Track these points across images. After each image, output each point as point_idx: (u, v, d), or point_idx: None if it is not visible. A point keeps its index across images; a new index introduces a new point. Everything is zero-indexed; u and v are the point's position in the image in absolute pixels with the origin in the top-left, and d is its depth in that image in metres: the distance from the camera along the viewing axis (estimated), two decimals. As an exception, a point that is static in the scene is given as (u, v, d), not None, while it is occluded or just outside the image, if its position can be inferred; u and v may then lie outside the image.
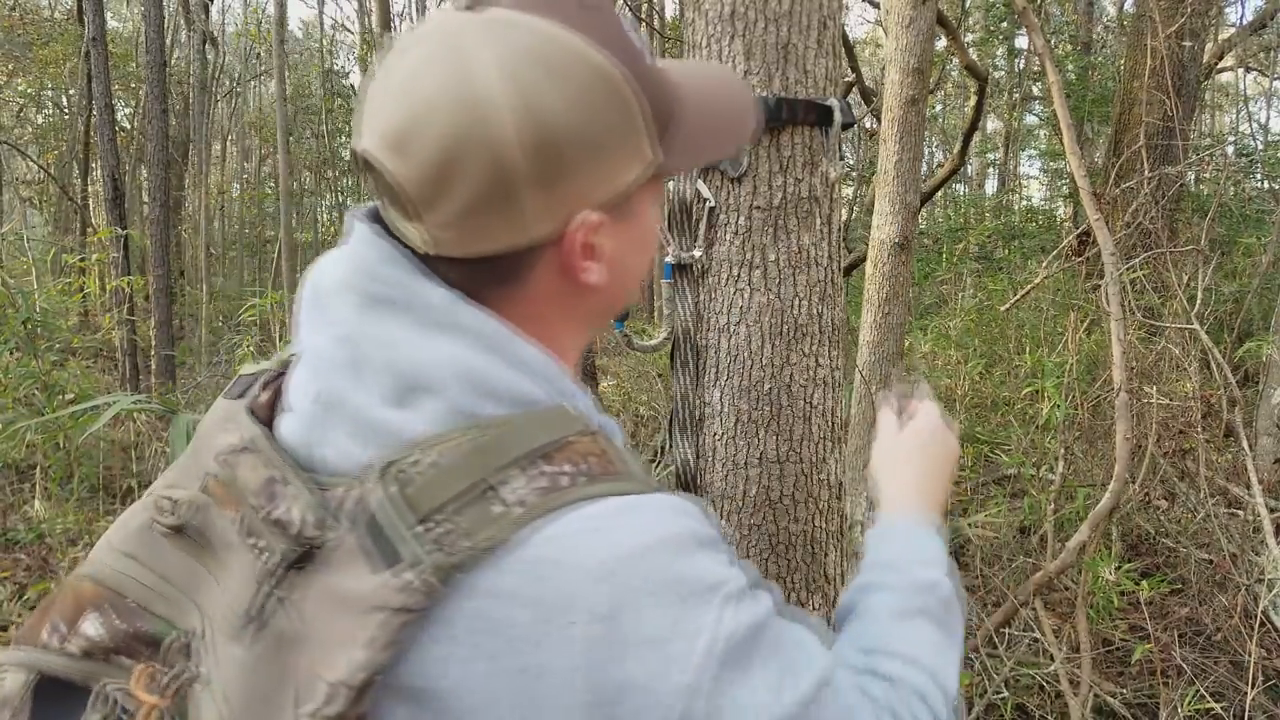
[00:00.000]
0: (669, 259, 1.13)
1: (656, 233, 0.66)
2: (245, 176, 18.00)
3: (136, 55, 12.87)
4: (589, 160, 0.55)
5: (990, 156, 15.34)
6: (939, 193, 6.48)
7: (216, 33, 14.63)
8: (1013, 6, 6.16)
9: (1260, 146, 8.76)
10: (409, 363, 0.53)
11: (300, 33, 20.86)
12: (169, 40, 12.41)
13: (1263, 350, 4.35)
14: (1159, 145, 6.31)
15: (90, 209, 12.65)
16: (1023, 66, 12.13)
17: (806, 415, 1.20)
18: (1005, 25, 10.27)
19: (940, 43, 6.32)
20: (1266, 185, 8.28)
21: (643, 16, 8.65)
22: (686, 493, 0.86)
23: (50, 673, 0.54)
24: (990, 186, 16.96)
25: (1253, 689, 2.49)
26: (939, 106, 14.59)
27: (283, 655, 0.48)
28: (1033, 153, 14.17)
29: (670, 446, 1.22)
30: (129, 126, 13.02)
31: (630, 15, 6.76)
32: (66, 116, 14.01)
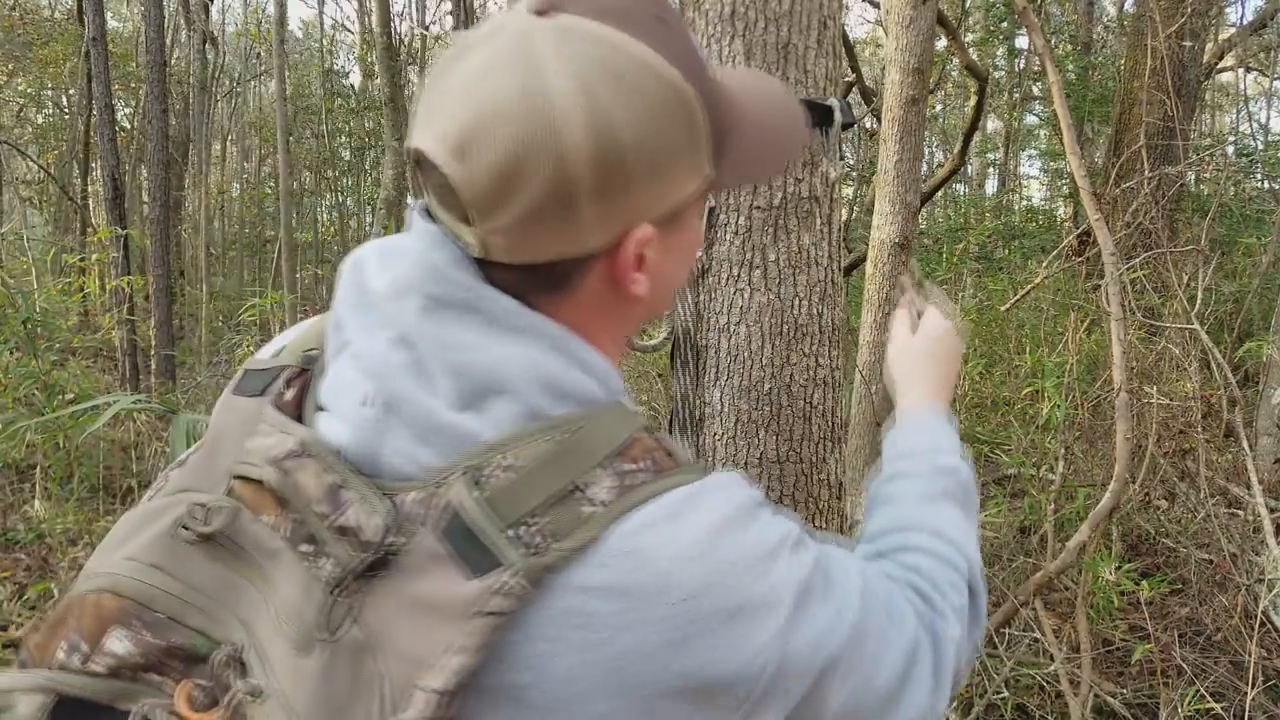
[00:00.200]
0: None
1: (698, 244, 0.67)
2: (245, 176, 18.01)
3: (136, 55, 12.87)
4: (651, 176, 0.54)
5: (990, 156, 15.33)
6: (939, 193, 6.48)
7: (216, 32, 14.63)
8: (1013, 6, 6.16)
9: (1260, 146, 8.76)
10: (483, 366, 0.53)
11: (300, 33, 20.86)
12: (169, 40, 12.41)
13: (1263, 350, 4.35)
14: (1159, 145, 6.31)
15: (90, 209, 12.65)
16: (1023, 66, 12.13)
17: (806, 415, 1.20)
18: (1005, 25, 10.27)
19: (940, 43, 6.32)
20: (1267, 185, 8.28)
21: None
22: None
23: (71, 695, 0.49)
24: (990, 186, 16.96)
25: (1253, 689, 2.49)
26: (939, 106, 14.59)
27: (354, 664, 0.48)
28: (1033, 153, 14.17)
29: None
30: (129, 126, 13.02)
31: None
32: (66, 116, 14.01)
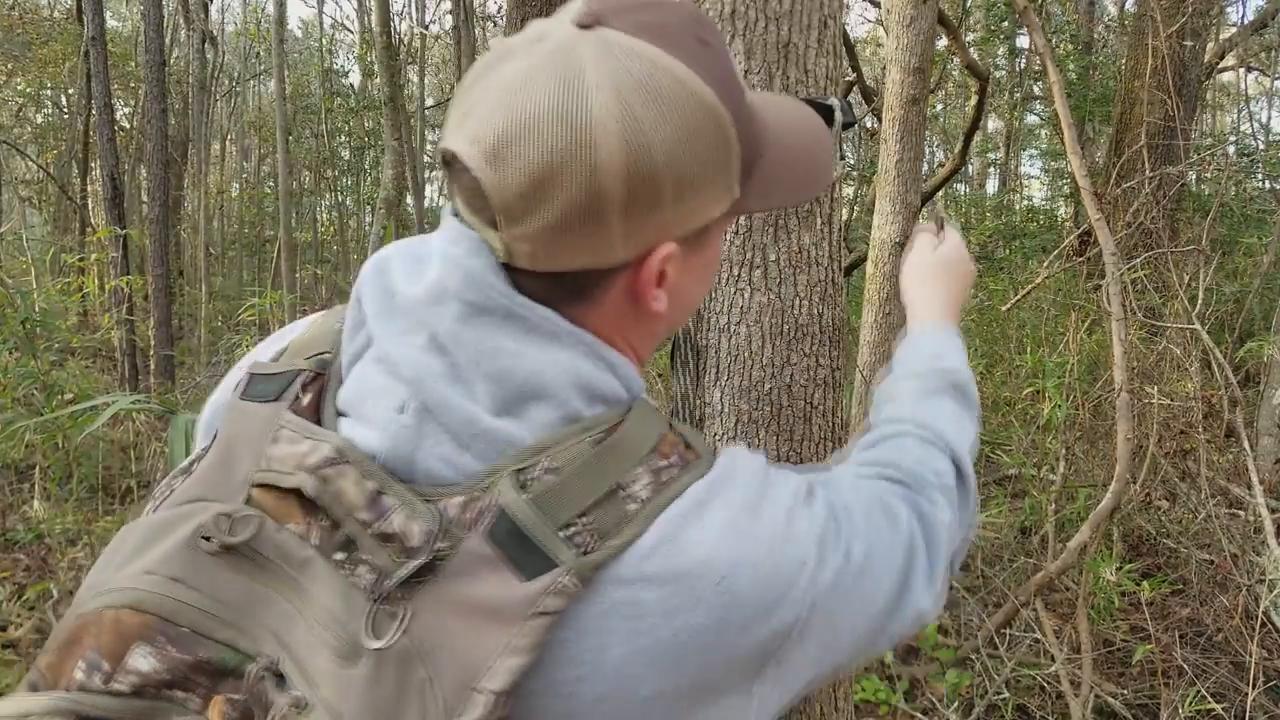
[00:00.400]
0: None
1: (717, 263, 0.68)
2: (245, 176, 18.01)
3: (136, 55, 12.87)
4: (682, 194, 0.55)
5: (991, 156, 15.34)
6: (940, 192, 6.47)
7: (216, 32, 14.63)
8: (1014, 6, 6.15)
9: (1261, 146, 8.75)
10: (523, 372, 0.54)
11: (300, 32, 20.87)
12: (168, 39, 12.41)
13: (1264, 350, 4.35)
14: (1160, 145, 6.30)
15: (89, 208, 12.65)
16: (1024, 66, 12.13)
17: (807, 415, 1.19)
18: (1006, 25, 10.27)
19: (941, 42, 6.31)
20: (1268, 185, 8.28)
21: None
22: None
23: (93, 716, 0.48)
24: (991, 186, 16.97)
25: (1254, 689, 2.48)
26: (940, 106, 14.58)
27: (401, 671, 0.48)
28: (1034, 152, 14.17)
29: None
30: (128, 126, 13.02)
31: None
32: (66, 116, 14.02)
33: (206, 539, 0.51)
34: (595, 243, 0.54)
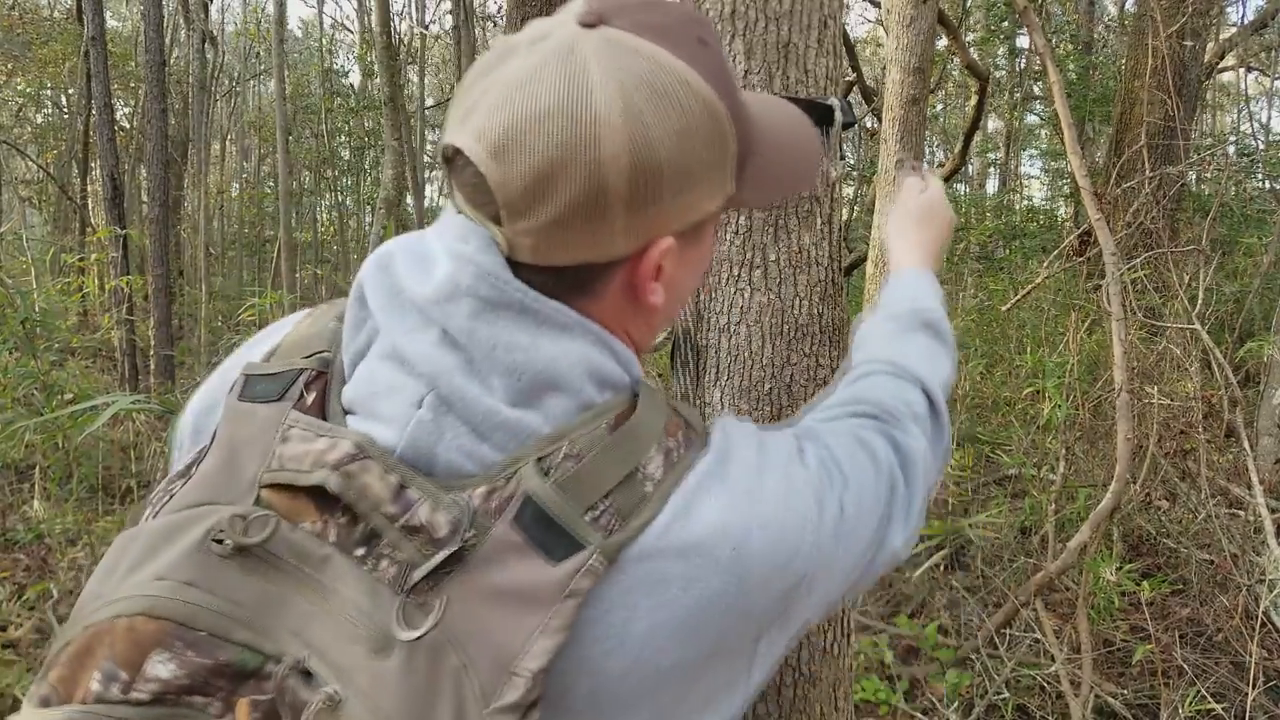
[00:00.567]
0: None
1: (710, 257, 0.70)
2: (245, 176, 18.00)
3: (136, 54, 12.87)
4: (681, 190, 0.56)
5: (991, 156, 15.33)
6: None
7: (216, 32, 14.63)
8: (1014, 6, 6.15)
9: (1261, 146, 8.75)
10: (538, 364, 0.55)
11: (300, 32, 20.86)
12: (168, 39, 12.40)
13: (1264, 350, 4.35)
14: (1160, 145, 6.30)
15: (89, 208, 12.64)
16: (1024, 66, 12.12)
17: (807, 416, 1.19)
18: (1006, 25, 10.26)
19: (941, 42, 6.31)
20: (1268, 185, 8.27)
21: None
22: None
23: None
24: (991, 186, 16.96)
25: (1254, 690, 2.48)
26: (940, 106, 14.58)
27: (433, 660, 0.49)
28: (1034, 152, 14.16)
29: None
30: (128, 126, 13.01)
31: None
32: (66, 116, 14.01)
33: (219, 542, 0.51)
34: (597, 237, 0.55)
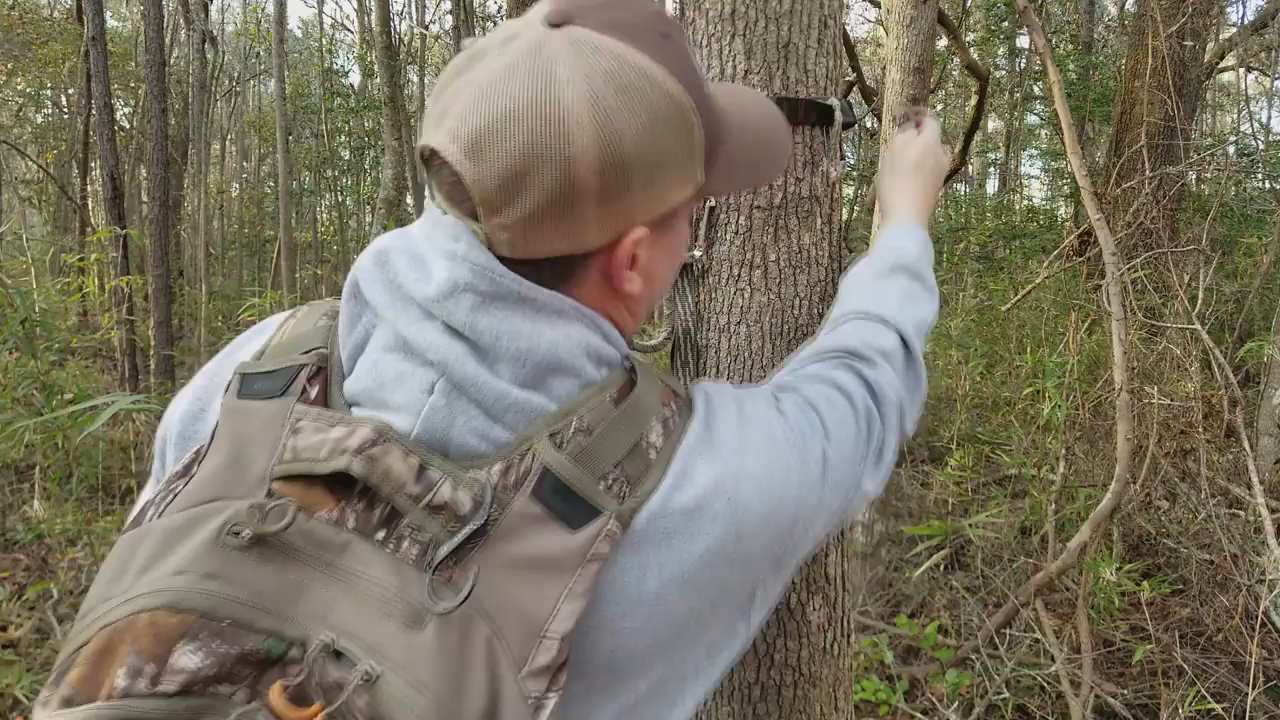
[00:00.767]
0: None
1: (686, 243, 0.73)
2: (245, 176, 18.00)
3: (136, 54, 12.87)
4: (650, 182, 0.59)
5: (991, 156, 15.33)
6: (940, 192, 6.46)
7: (216, 32, 14.62)
8: (1014, 6, 6.15)
9: (1261, 146, 8.74)
10: (542, 350, 0.58)
11: (300, 32, 20.85)
12: (168, 39, 12.40)
13: (1264, 350, 4.34)
14: (1160, 145, 6.30)
15: (89, 208, 12.64)
16: (1024, 66, 12.12)
17: (807, 416, 1.18)
18: (1006, 25, 10.26)
19: (941, 42, 6.31)
20: (1268, 185, 8.27)
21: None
22: None
23: None
24: (991, 186, 16.96)
25: (1254, 689, 2.48)
26: (940, 106, 14.58)
27: (463, 631, 0.51)
28: (1034, 152, 14.16)
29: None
30: (128, 126, 13.01)
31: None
32: (66, 116, 14.01)
33: (236, 534, 0.51)
34: (571, 230, 0.58)
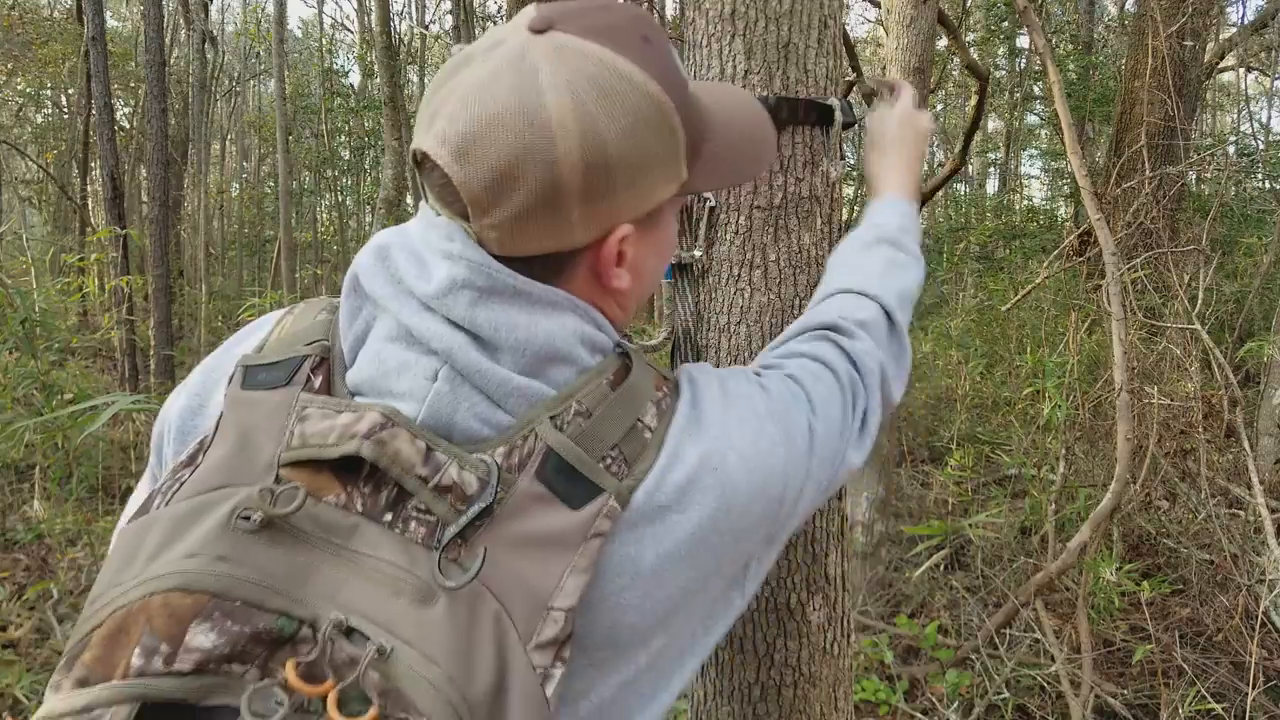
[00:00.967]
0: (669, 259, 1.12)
1: (674, 240, 0.75)
2: (245, 176, 18.00)
3: (136, 54, 12.87)
4: (633, 181, 0.61)
5: (991, 156, 15.33)
6: (940, 192, 6.47)
7: (216, 32, 14.62)
8: (1014, 6, 6.14)
9: (1261, 146, 8.74)
10: (540, 340, 0.60)
11: (300, 32, 20.85)
12: (168, 39, 12.40)
13: (1264, 350, 4.34)
14: (1160, 145, 6.30)
15: (89, 208, 12.65)
16: (1024, 66, 12.12)
17: (807, 416, 1.18)
18: (1006, 25, 10.26)
19: (941, 42, 6.31)
20: (1268, 185, 8.27)
21: (643, 16, 8.63)
22: None
23: (158, 699, 0.47)
24: (991, 186, 16.96)
25: (1254, 689, 2.48)
26: (940, 106, 14.58)
27: (471, 607, 0.52)
28: (1034, 152, 14.17)
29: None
30: (128, 126, 13.01)
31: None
32: (66, 116, 14.01)
33: (246, 518, 0.52)
34: (557, 228, 0.60)
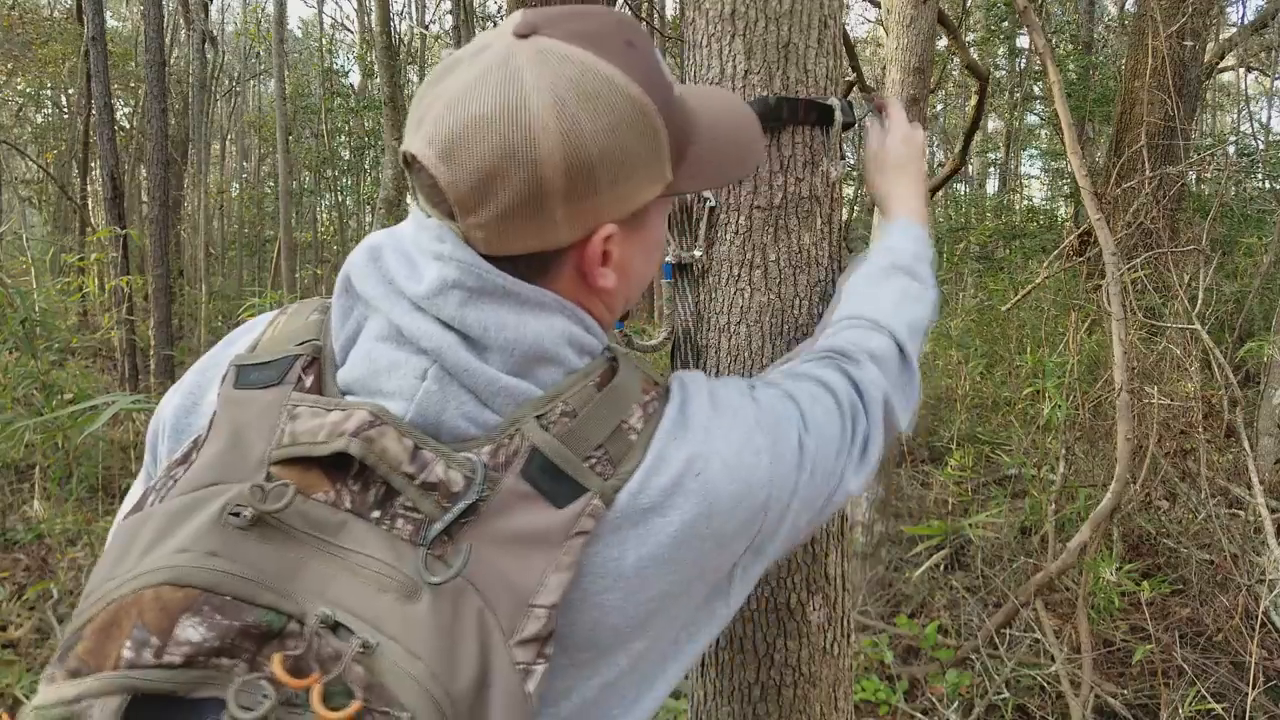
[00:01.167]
0: (669, 259, 1.12)
1: (663, 240, 0.75)
2: (245, 176, 18.00)
3: (136, 54, 12.86)
4: (616, 181, 0.62)
5: (991, 156, 15.33)
6: (940, 192, 6.47)
7: (216, 32, 14.62)
8: (1014, 6, 6.14)
9: (1261, 146, 8.74)
10: (528, 340, 0.61)
11: (299, 32, 20.85)
12: (168, 39, 12.40)
13: (1264, 350, 4.34)
14: (1160, 145, 6.30)
15: (89, 208, 12.64)
16: (1024, 66, 12.12)
17: (807, 416, 1.18)
18: (1006, 24, 10.26)
19: (941, 42, 6.31)
20: (1267, 185, 8.27)
21: (643, 15, 8.64)
22: None
23: (147, 691, 0.48)
24: (991, 186, 16.96)
25: (1253, 689, 2.48)
26: (940, 106, 14.58)
27: (455, 603, 0.53)
28: (1034, 152, 14.16)
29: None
30: (128, 126, 13.01)
31: (630, 13, 6.74)
32: (66, 116, 14.01)
33: (236, 514, 0.53)
34: (541, 228, 0.61)
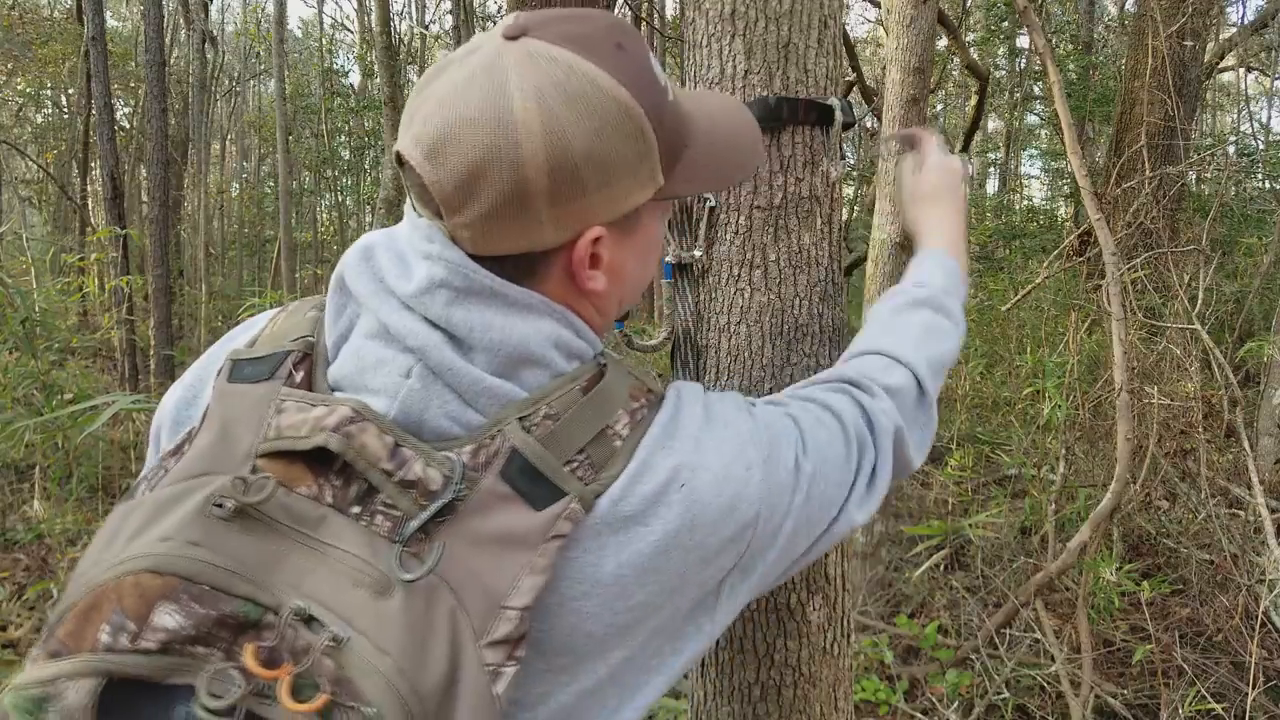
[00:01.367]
0: (669, 259, 1.12)
1: (659, 244, 0.74)
2: (245, 176, 18.00)
3: (136, 54, 12.86)
4: (602, 183, 0.61)
5: (991, 156, 15.33)
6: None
7: (216, 32, 14.62)
8: (1014, 6, 6.14)
9: (1261, 146, 8.74)
10: (514, 341, 0.61)
11: (300, 32, 20.85)
12: (168, 39, 12.40)
13: (1264, 350, 4.34)
14: (1160, 145, 6.30)
15: (89, 208, 12.64)
16: (1024, 66, 12.12)
17: (807, 416, 1.18)
18: (1006, 24, 10.26)
19: (941, 42, 6.31)
20: (1268, 185, 8.27)
21: (643, 16, 8.64)
22: None
23: (122, 675, 0.48)
24: (991, 186, 16.96)
25: (1254, 689, 2.48)
26: (940, 106, 14.58)
27: (428, 601, 0.53)
28: (1034, 152, 14.17)
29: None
30: (128, 126, 13.01)
31: (631, 14, 6.75)
32: (66, 116, 14.01)
33: (219, 505, 0.54)
34: (527, 228, 0.61)
